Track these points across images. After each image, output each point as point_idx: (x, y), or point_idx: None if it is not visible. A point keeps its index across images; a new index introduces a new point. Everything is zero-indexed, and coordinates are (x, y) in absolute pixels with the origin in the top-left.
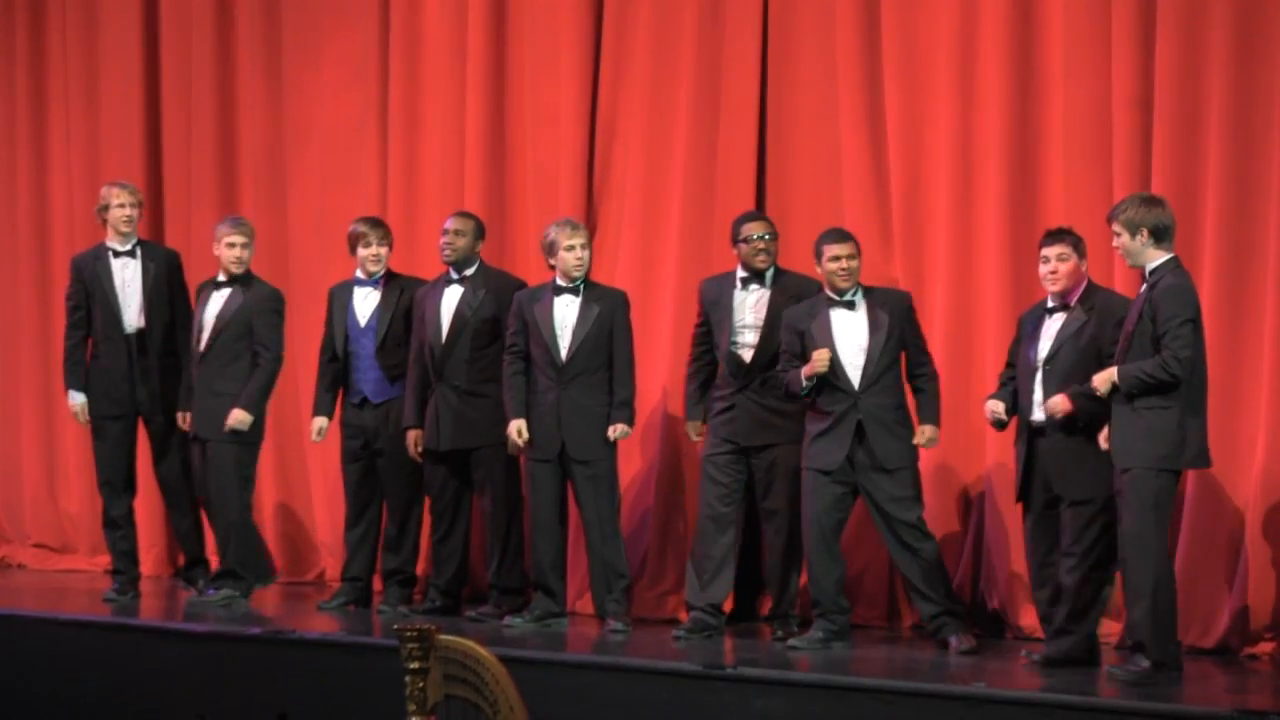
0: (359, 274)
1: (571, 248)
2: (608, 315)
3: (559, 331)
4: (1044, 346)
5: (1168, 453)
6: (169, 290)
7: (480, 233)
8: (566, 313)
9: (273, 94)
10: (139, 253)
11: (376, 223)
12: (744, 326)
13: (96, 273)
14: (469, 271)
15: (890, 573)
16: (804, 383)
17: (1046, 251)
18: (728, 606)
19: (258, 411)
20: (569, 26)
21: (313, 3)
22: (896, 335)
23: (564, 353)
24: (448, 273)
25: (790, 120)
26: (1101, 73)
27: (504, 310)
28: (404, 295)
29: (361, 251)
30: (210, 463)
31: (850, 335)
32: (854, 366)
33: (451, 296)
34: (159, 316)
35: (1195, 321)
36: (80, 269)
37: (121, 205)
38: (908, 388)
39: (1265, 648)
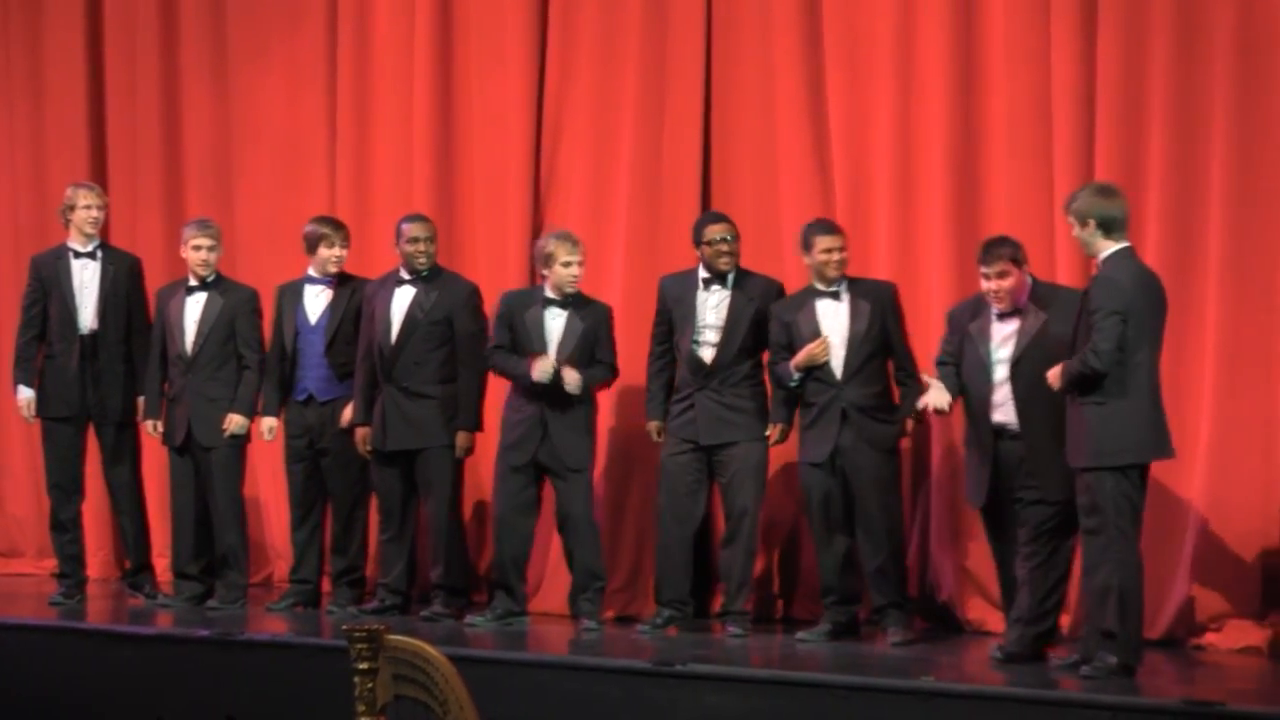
0: (312, 272)
1: (569, 264)
2: (593, 330)
3: (549, 343)
4: (1004, 349)
5: (1104, 451)
6: (127, 295)
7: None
8: (555, 325)
9: (219, 95)
10: (100, 255)
11: (338, 224)
12: (705, 327)
13: (56, 272)
14: (424, 273)
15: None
16: (794, 374)
17: (986, 270)
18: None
19: (252, 414)
20: (515, 26)
21: (259, 3)
22: (879, 325)
23: (550, 378)
24: (397, 271)
25: (734, 117)
26: (1042, 66)
27: (455, 312)
28: (354, 296)
29: (324, 252)
30: (215, 469)
31: (835, 326)
32: (836, 357)
33: (403, 297)
34: (114, 320)
35: (1123, 314)
36: (39, 268)
37: (88, 207)
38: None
39: (1212, 639)
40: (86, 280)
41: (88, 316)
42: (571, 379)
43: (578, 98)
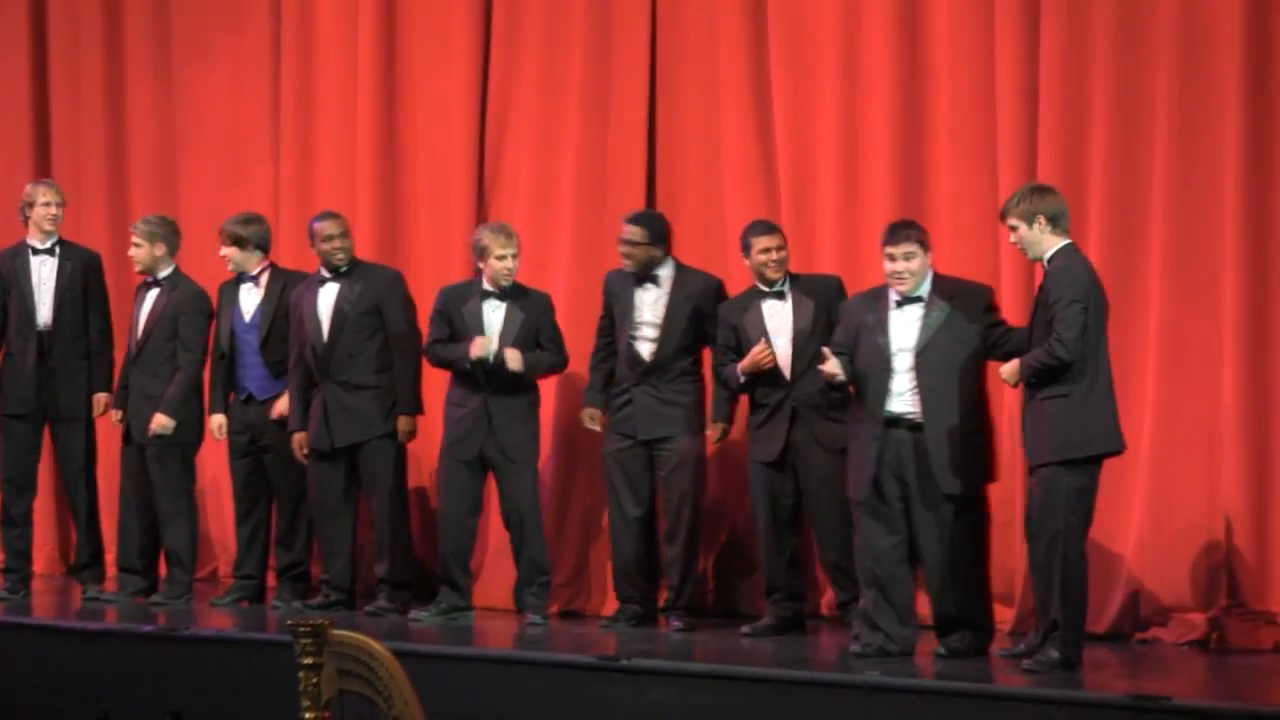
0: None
1: (503, 257)
2: (533, 320)
3: (490, 336)
4: (905, 338)
5: (1070, 443)
6: (84, 291)
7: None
8: (494, 318)
9: (163, 92)
10: (58, 251)
11: (255, 220)
12: (643, 323)
13: (15, 269)
14: (343, 269)
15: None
16: (740, 378)
17: (892, 250)
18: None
19: (182, 415)
20: (459, 21)
21: (203, 0)
22: (824, 321)
23: (493, 357)
24: (319, 272)
25: (679, 112)
26: (986, 61)
27: (382, 300)
28: (285, 290)
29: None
30: (153, 465)
31: (780, 325)
32: (784, 357)
33: (328, 295)
34: (69, 317)
35: (1084, 303)
36: None
37: (47, 204)
38: None
39: (1157, 633)
40: (45, 277)
41: (44, 313)
42: (513, 356)
43: (522, 92)
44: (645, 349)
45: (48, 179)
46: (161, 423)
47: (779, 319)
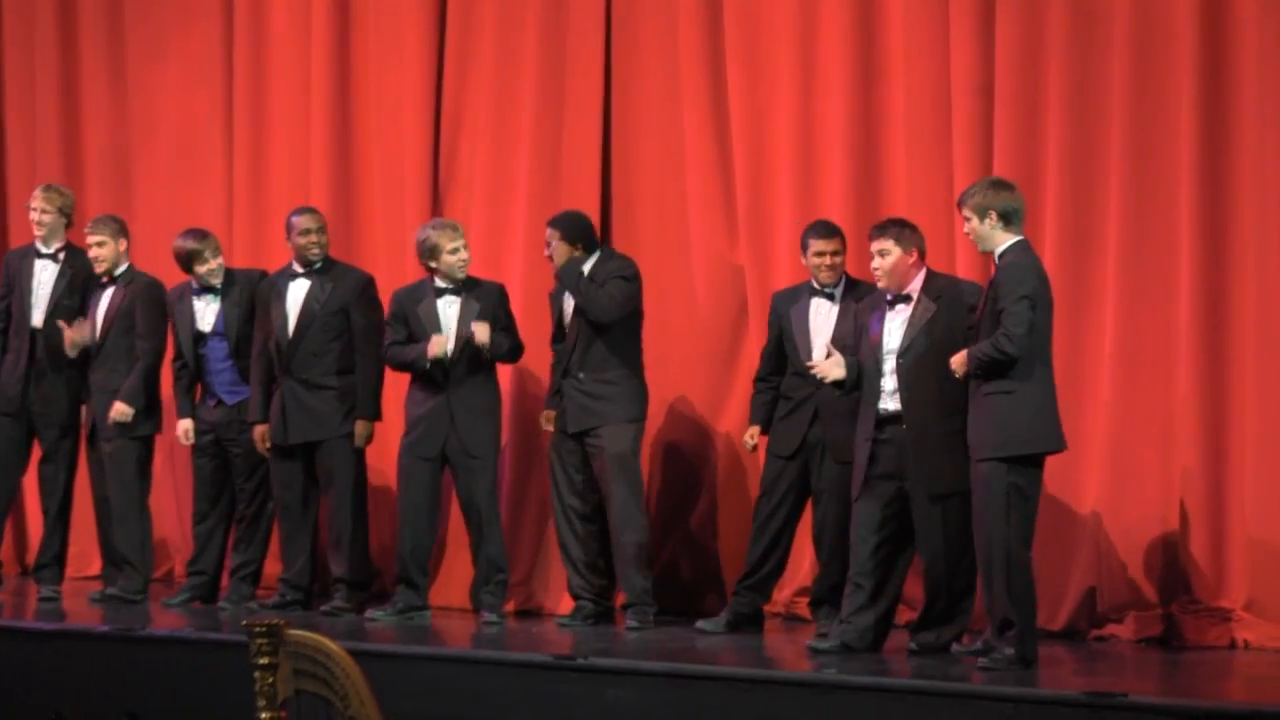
0: (194, 284)
1: (455, 250)
2: (489, 309)
3: (447, 331)
4: (893, 338)
5: (1014, 439)
6: (84, 298)
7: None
8: (449, 312)
9: (117, 91)
10: (62, 257)
11: (204, 234)
12: (567, 322)
13: (20, 270)
14: (317, 265)
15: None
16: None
17: (871, 247)
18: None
19: (140, 404)
20: (413, 20)
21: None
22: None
23: (451, 353)
24: (290, 266)
25: (635, 109)
26: (941, 58)
27: (351, 303)
28: (244, 293)
29: (198, 268)
30: (110, 463)
31: (822, 326)
32: (819, 357)
33: (298, 290)
34: (60, 319)
35: (1032, 299)
36: (9, 264)
37: (32, 210)
38: None
39: (1113, 629)
40: (45, 280)
41: (38, 315)
42: (481, 328)
43: (477, 90)
44: (565, 344)
45: (57, 186)
46: (121, 410)
47: (822, 319)
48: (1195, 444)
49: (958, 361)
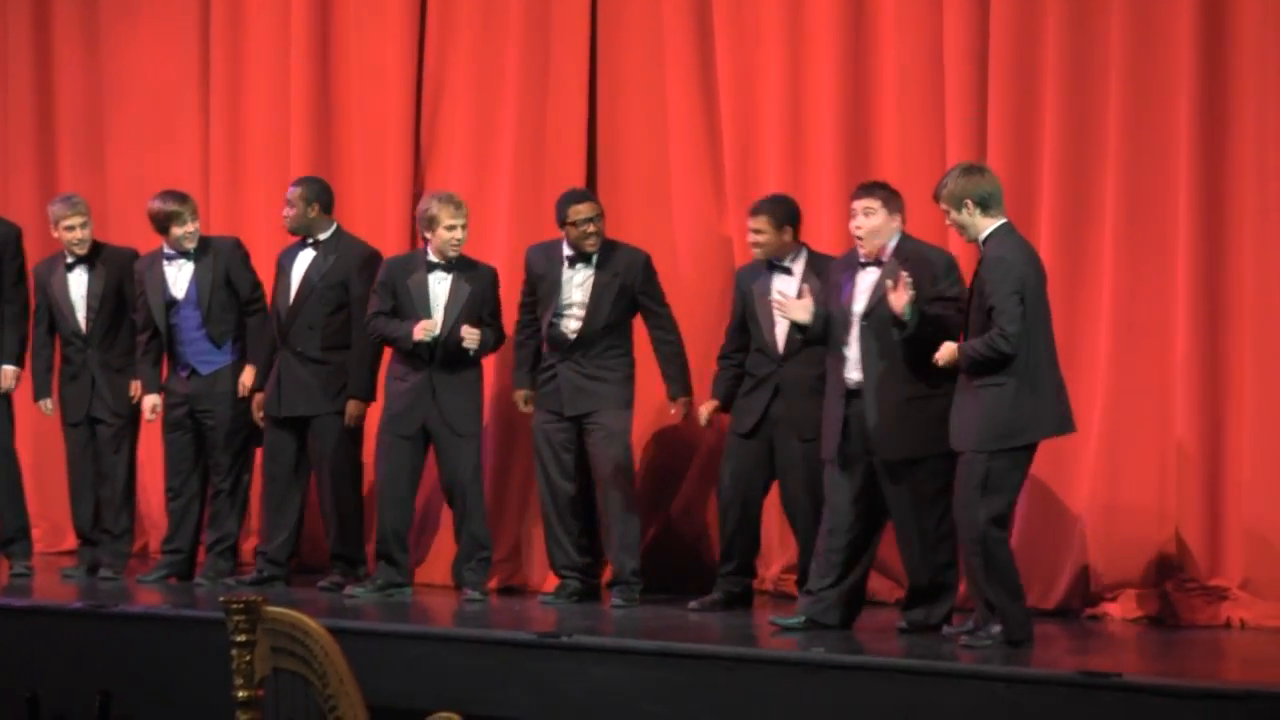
0: (166, 249)
1: (453, 228)
2: (479, 294)
3: (433, 310)
4: (859, 301)
5: (998, 433)
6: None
7: (312, 197)
8: (439, 290)
9: (90, 54)
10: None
11: (184, 197)
12: (570, 304)
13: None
14: (323, 236)
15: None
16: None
17: (854, 205)
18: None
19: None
20: None
21: None
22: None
23: (439, 330)
24: (305, 238)
25: (621, 77)
26: (934, 25)
27: (352, 276)
28: (218, 259)
29: (176, 231)
30: (112, 441)
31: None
32: (780, 333)
33: (303, 260)
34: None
35: (1021, 292)
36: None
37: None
38: None
39: (1107, 608)
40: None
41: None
42: (471, 335)
43: (460, 58)
44: (570, 328)
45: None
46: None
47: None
48: (1191, 421)
49: (947, 357)
